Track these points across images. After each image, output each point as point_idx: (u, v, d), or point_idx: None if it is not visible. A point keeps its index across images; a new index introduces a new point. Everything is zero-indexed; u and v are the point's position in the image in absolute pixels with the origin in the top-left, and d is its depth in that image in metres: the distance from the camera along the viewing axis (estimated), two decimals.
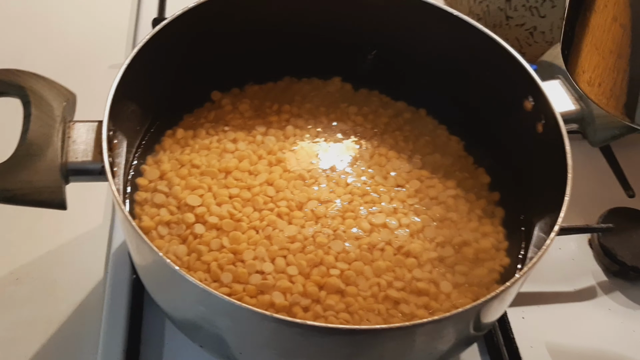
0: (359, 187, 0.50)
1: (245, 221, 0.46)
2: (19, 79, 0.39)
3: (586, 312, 0.55)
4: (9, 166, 0.37)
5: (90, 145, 0.40)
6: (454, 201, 0.50)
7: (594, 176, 0.63)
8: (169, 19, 0.47)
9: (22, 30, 0.73)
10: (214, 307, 0.35)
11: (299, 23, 0.54)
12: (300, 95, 0.56)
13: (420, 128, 0.55)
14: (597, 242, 0.58)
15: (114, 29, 0.73)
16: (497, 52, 0.49)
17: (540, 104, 0.46)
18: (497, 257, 0.48)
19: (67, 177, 0.39)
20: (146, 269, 0.41)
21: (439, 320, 0.35)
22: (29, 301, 0.52)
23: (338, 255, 0.45)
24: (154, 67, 0.47)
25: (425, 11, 0.52)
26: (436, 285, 0.45)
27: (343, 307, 0.42)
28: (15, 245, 0.55)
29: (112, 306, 0.50)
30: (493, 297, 0.37)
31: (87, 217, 0.57)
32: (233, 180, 0.48)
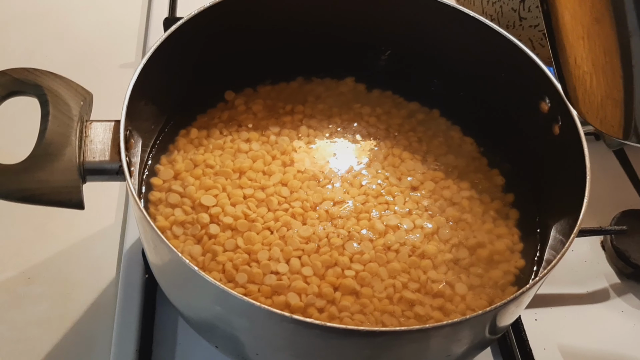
0: (374, 188, 0.50)
1: (260, 222, 0.46)
2: (36, 78, 0.39)
3: (599, 315, 0.55)
4: (27, 166, 0.37)
5: (107, 144, 0.40)
6: (469, 202, 0.50)
7: (607, 178, 0.63)
8: (184, 19, 0.47)
9: (34, 29, 0.73)
10: (231, 307, 0.35)
11: (312, 23, 0.54)
12: (313, 95, 0.56)
13: (434, 129, 0.55)
14: (610, 244, 0.57)
15: (125, 28, 0.73)
16: (513, 53, 0.49)
17: (557, 105, 0.46)
18: (512, 259, 0.48)
19: (84, 176, 0.39)
20: (163, 268, 0.41)
21: (457, 322, 0.35)
22: (40, 300, 0.52)
23: (353, 256, 0.45)
24: (169, 67, 0.47)
25: (440, 11, 0.51)
26: (451, 287, 0.45)
27: (358, 308, 0.42)
28: (27, 245, 0.55)
29: (124, 306, 0.50)
30: (511, 300, 0.37)
31: (99, 217, 0.57)
32: (247, 180, 0.48)
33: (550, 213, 0.48)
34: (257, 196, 0.47)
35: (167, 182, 0.48)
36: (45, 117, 0.38)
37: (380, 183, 0.50)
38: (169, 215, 0.46)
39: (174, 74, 0.49)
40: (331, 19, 0.54)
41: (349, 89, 0.57)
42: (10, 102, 0.40)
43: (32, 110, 0.40)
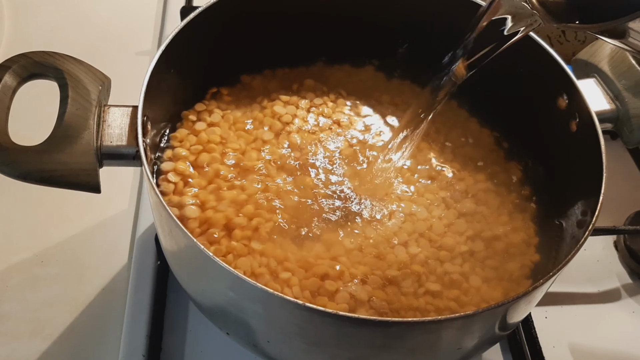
0: (391, 177, 0.50)
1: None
2: (56, 61, 0.39)
3: (610, 314, 0.55)
4: (46, 147, 0.37)
5: (124, 129, 0.40)
6: (485, 195, 0.50)
7: (622, 178, 0.62)
8: (199, 9, 0.47)
9: (54, 14, 0.73)
10: (245, 294, 0.35)
11: (332, 10, 0.54)
12: (333, 79, 0.56)
13: (452, 120, 0.55)
14: (624, 244, 0.57)
15: (143, 16, 0.73)
16: (532, 49, 0.48)
17: (575, 102, 0.46)
18: (528, 253, 0.47)
19: (101, 160, 0.39)
20: (177, 254, 0.41)
21: (469, 315, 0.35)
22: (53, 283, 0.53)
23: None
24: (186, 54, 0.47)
25: (459, 4, 0.51)
26: (466, 279, 0.45)
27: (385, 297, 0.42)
28: (40, 228, 0.56)
29: (136, 292, 0.50)
30: (522, 296, 0.36)
31: (113, 202, 0.58)
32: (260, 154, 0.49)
33: (566, 209, 0.47)
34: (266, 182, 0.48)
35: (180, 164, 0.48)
36: (65, 101, 0.38)
37: (395, 170, 0.50)
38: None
39: (191, 61, 0.49)
40: (354, 6, 0.54)
41: (369, 76, 0.57)
42: (30, 85, 0.41)
43: (52, 94, 0.40)
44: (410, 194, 0.49)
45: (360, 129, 0.53)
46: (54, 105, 0.40)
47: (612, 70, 0.46)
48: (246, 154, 0.49)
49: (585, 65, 0.48)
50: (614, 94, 0.46)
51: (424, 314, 0.42)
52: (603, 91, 0.47)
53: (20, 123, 0.41)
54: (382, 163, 0.50)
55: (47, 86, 0.42)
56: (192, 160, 0.48)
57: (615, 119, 0.46)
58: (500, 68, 0.52)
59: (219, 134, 0.50)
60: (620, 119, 0.46)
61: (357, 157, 0.51)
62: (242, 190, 0.47)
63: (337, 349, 0.37)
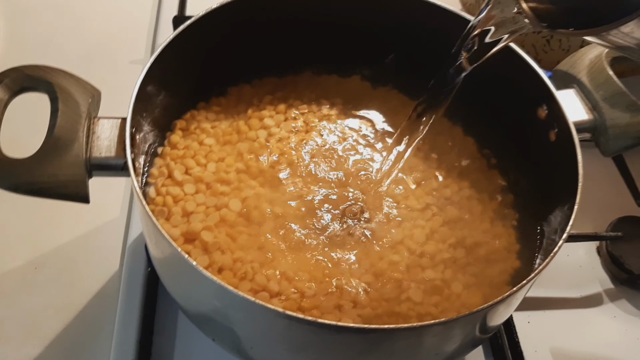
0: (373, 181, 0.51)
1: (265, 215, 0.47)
2: (47, 75, 0.41)
3: (591, 319, 0.56)
4: (36, 160, 0.38)
5: (113, 141, 0.41)
6: (468, 202, 0.51)
7: (606, 184, 0.64)
8: (190, 20, 0.48)
9: (47, 22, 0.74)
10: (228, 302, 0.36)
11: (319, 21, 0.55)
12: (320, 89, 0.57)
13: (437, 127, 0.56)
14: (606, 249, 0.58)
15: (135, 25, 0.75)
16: (513, 59, 0.49)
17: (554, 112, 0.47)
18: (509, 259, 0.49)
19: (90, 171, 0.41)
20: (163, 263, 0.42)
21: (447, 322, 0.36)
22: (46, 289, 0.54)
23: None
24: (175, 66, 0.48)
25: (442, 16, 0.52)
26: (448, 285, 0.46)
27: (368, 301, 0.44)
28: (34, 235, 0.57)
29: (127, 297, 0.51)
30: (498, 302, 0.38)
31: (105, 209, 0.59)
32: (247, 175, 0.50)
33: (546, 216, 0.48)
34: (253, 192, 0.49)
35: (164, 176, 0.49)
36: (55, 114, 0.39)
37: (379, 177, 0.51)
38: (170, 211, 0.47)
39: (181, 72, 0.50)
40: (341, 17, 0.55)
41: (356, 85, 0.58)
42: (21, 97, 0.42)
43: (43, 107, 0.42)
44: (395, 201, 0.51)
45: (346, 137, 0.54)
46: (44, 117, 0.42)
47: (591, 81, 0.47)
48: (233, 164, 0.50)
49: (566, 76, 0.49)
50: (593, 105, 0.47)
51: (405, 320, 0.44)
52: (582, 101, 0.48)
53: (13, 134, 0.42)
54: (371, 172, 0.51)
55: (40, 98, 0.43)
56: (181, 169, 0.49)
57: (593, 129, 0.47)
58: (483, 77, 0.53)
59: (208, 144, 0.51)
60: (598, 129, 0.47)
61: (343, 165, 0.52)
62: (229, 200, 0.48)
63: (319, 354, 0.39)
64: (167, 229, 0.46)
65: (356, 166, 0.52)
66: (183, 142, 0.51)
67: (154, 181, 0.49)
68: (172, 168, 0.49)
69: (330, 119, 0.56)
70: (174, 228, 0.46)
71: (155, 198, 0.47)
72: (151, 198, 0.47)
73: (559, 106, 0.46)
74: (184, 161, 0.50)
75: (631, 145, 0.46)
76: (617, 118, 0.46)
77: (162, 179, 0.49)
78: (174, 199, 0.48)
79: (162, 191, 0.48)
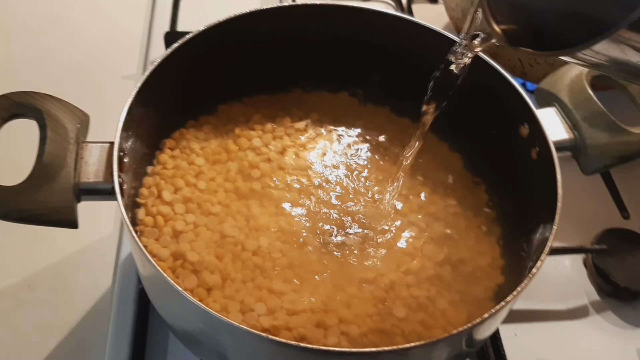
0: (361, 201, 0.52)
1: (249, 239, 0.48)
2: (36, 101, 0.41)
3: (578, 331, 0.56)
4: (25, 187, 0.39)
5: (101, 165, 0.42)
6: (454, 218, 0.52)
7: (591, 196, 0.64)
8: (179, 42, 0.49)
9: (38, 40, 0.75)
10: (211, 325, 0.37)
11: (308, 41, 0.56)
12: (308, 106, 0.58)
13: (423, 145, 0.57)
14: (591, 262, 0.59)
15: (128, 41, 0.75)
16: (496, 78, 0.50)
17: (535, 131, 0.48)
18: (493, 275, 0.49)
19: (79, 196, 0.41)
20: (150, 284, 0.43)
21: (431, 343, 0.37)
22: (40, 307, 0.55)
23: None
24: (163, 88, 0.49)
25: (428, 36, 0.53)
26: (433, 303, 0.47)
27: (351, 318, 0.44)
28: (28, 253, 0.58)
29: (119, 314, 0.52)
30: (480, 322, 0.38)
31: (97, 227, 0.60)
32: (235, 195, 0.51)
33: (530, 232, 0.49)
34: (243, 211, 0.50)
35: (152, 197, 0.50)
36: (43, 141, 0.40)
37: (369, 196, 0.52)
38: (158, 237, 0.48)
39: (170, 92, 0.51)
40: (329, 37, 0.56)
41: (344, 102, 0.59)
42: (11, 124, 0.43)
43: (32, 132, 0.42)
44: (382, 218, 0.51)
45: (334, 154, 0.55)
46: (33, 141, 0.42)
47: (571, 100, 0.48)
48: (223, 183, 0.51)
49: (547, 94, 0.50)
50: (573, 123, 0.48)
51: (390, 337, 0.44)
52: (562, 120, 0.49)
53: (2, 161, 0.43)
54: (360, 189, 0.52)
55: (28, 124, 0.44)
56: (170, 189, 0.50)
57: (573, 148, 0.48)
58: (468, 96, 0.54)
59: (198, 164, 0.52)
60: (578, 148, 0.47)
61: (331, 182, 0.53)
62: (218, 219, 0.49)
63: None
64: (156, 250, 0.46)
65: (344, 184, 0.53)
66: (172, 162, 0.52)
67: (144, 201, 0.49)
68: (162, 188, 0.50)
69: (319, 136, 0.57)
70: (163, 248, 0.47)
71: (145, 218, 0.48)
72: (140, 219, 0.48)
73: (540, 125, 0.47)
74: (173, 181, 0.51)
75: (610, 165, 0.47)
76: (597, 137, 0.46)
77: (152, 199, 0.49)
78: (163, 218, 0.49)
79: (152, 211, 0.49)
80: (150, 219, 0.48)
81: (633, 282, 0.57)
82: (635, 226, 0.62)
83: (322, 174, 0.53)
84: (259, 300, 0.45)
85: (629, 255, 0.58)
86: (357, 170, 0.54)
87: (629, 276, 0.57)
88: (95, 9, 0.79)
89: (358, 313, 0.45)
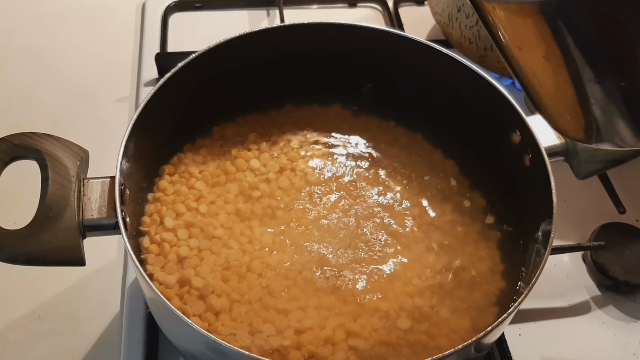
0: (359, 212, 0.52)
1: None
2: (34, 142, 0.42)
3: (580, 326, 0.57)
4: (30, 230, 0.40)
5: (104, 201, 0.43)
6: (451, 226, 0.53)
7: (587, 192, 0.65)
8: (170, 73, 0.49)
9: (31, 67, 0.76)
10: (219, 352, 0.38)
11: (300, 60, 0.57)
12: (302, 121, 0.59)
13: (417, 152, 0.58)
14: (590, 258, 0.60)
15: (118, 63, 0.76)
16: (484, 86, 0.51)
17: (527, 137, 0.48)
18: (494, 281, 0.50)
19: (84, 233, 0.42)
20: (157, 312, 0.44)
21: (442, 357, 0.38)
22: (51, 336, 0.55)
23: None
24: (160, 113, 0.50)
25: (417, 49, 0.54)
26: (436, 312, 0.48)
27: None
28: (35, 284, 0.58)
29: (129, 340, 0.53)
30: (485, 334, 0.39)
31: (102, 252, 0.60)
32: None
33: (528, 235, 0.50)
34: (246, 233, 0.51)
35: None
36: (45, 182, 0.41)
37: (365, 207, 0.53)
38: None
39: (165, 120, 0.52)
40: (318, 57, 0.57)
41: (336, 114, 0.60)
42: (11, 165, 0.43)
43: (33, 172, 0.43)
44: (380, 229, 0.52)
45: (331, 168, 0.56)
46: (36, 181, 0.43)
47: None
48: (224, 206, 0.52)
49: None
50: None
51: (395, 349, 0.45)
52: None
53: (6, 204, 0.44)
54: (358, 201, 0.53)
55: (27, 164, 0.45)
56: (172, 215, 0.51)
57: (565, 153, 0.49)
58: (458, 106, 0.55)
59: (198, 188, 0.53)
60: (570, 153, 0.48)
61: (330, 197, 0.54)
62: (222, 243, 0.49)
63: None
64: (162, 277, 0.47)
65: (344, 198, 0.54)
66: (172, 188, 0.53)
67: (147, 229, 0.50)
68: (163, 214, 0.51)
69: (314, 151, 0.57)
70: (169, 275, 0.48)
71: (149, 247, 0.49)
72: (145, 247, 0.49)
73: (531, 132, 0.48)
74: (174, 206, 0.52)
75: (602, 168, 0.48)
76: None
77: (155, 226, 0.50)
78: (167, 244, 0.49)
79: (156, 239, 0.50)
80: (154, 246, 0.49)
81: (632, 275, 0.58)
82: (631, 220, 0.63)
83: (321, 190, 0.54)
84: (267, 322, 0.45)
85: (627, 249, 0.59)
86: (354, 182, 0.55)
87: (627, 270, 0.58)
88: (82, 34, 0.80)
89: (364, 325, 0.46)
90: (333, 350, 0.45)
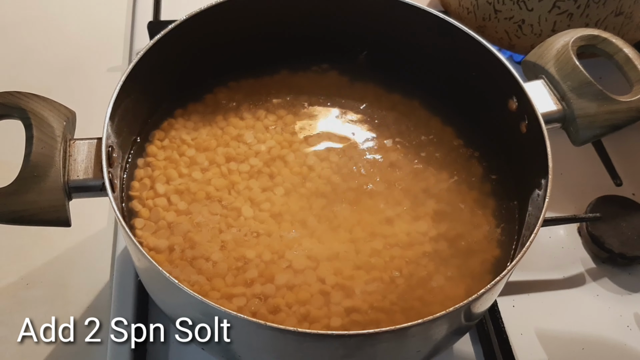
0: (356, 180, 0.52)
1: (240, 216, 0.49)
2: (20, 101, 0.41)
3: (575, 299, 0.57)
4: (14, 188, 0.39)
5: (90, 162, 0.42)
6: (448, 193, 0.52)
7: (584, 164, 0.65)
8: (162, 33, 0.48)
9: (23, 36, 0.74)
10: (210, 314, 0.37)
11: (295, 23, 0.56)
12: (297, 87, 0.58)
13: (415, 120, 0.57)
14: (586, 230, 0.59)
15: (111, 32, 0.75)
16: (482, 53, 0.50)
17: (523, 104, 0.48)
18: (489, 249, 0.50)
19: (69, 194, 0.41)
20: (147, 277, 0.43)
21: (428, 321, 0.37)
22: (39, 304, 0.55)
23: None
24: (148, 78, 0.48)
25: (414, 14, 0.53)
26: (431, 279, 0.47)
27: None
28: (24, 251, 0.58)
29: (118, 308, 0.52)
30: (476, 298, 0.39)
31: (92, 221, 0.60)
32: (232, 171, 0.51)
33: (524, 203, 0.49)
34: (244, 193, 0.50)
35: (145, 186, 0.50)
36: (30, 140, 0.40)
37: (363, 174, 0.52)
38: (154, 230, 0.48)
39: (155, 82, 0.51)
40: (314, 21, 0.56)
41: (333, 81, 0.59)
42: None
43: (19, 132, 0.42)
44: (377, 194, 0.51)
45: (328, 136, 0.55)
46: (23, 142, 0.42)
47: (558, 71, 0.48)
48: (216, 172, 0.51)
49: (534, 67, 0.50)
50: (561, 95, 0.48)
51: (389, 315, 0.45)
52: (550, 92, 0.48)
53: None
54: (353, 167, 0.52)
55: (14, 125, 0.44)
56: (162, 180, 0.50)
57: (562, 119, 0.48)
58: (455, 73, 0.54)
59: (189, 155, 0.52)
60: (567, 119, 0.47)
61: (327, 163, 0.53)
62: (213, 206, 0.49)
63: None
64: (153, 243, 0.47)
65: (339, 164, 0.53)
66: (163, 153, 0.52)
67: (137, 194, 0.49)
68: (155, 179, 0.50)
69: (310, 118, 0.56)
70: (160, 240, 0.47)
71: (140, 210, 0.48)
72: (136, 211, 0.48)
73: (528, 98, 0.47)
74: (165, 172, 0.51)
75: (599, 134, 0.47)
76: (585, 108, 0.46)
77: (145, 191, 0.49)
78: (158, 209, 0.48)
79: (149, 204, 0.49)
80: (145, 210, 0.48)
81: (628, 247, 0.57)
82: (628, 192, 0.62)
83: (317, 155, 0.53)
84: (256, 283, 0.45)
85: (623, 221, 0.59)
86: (351, 148, 0.54)
87: (623, 242, 0.58)
88: (74, 2, 0.78)
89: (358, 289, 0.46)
90: (328, 312, 0.44)
